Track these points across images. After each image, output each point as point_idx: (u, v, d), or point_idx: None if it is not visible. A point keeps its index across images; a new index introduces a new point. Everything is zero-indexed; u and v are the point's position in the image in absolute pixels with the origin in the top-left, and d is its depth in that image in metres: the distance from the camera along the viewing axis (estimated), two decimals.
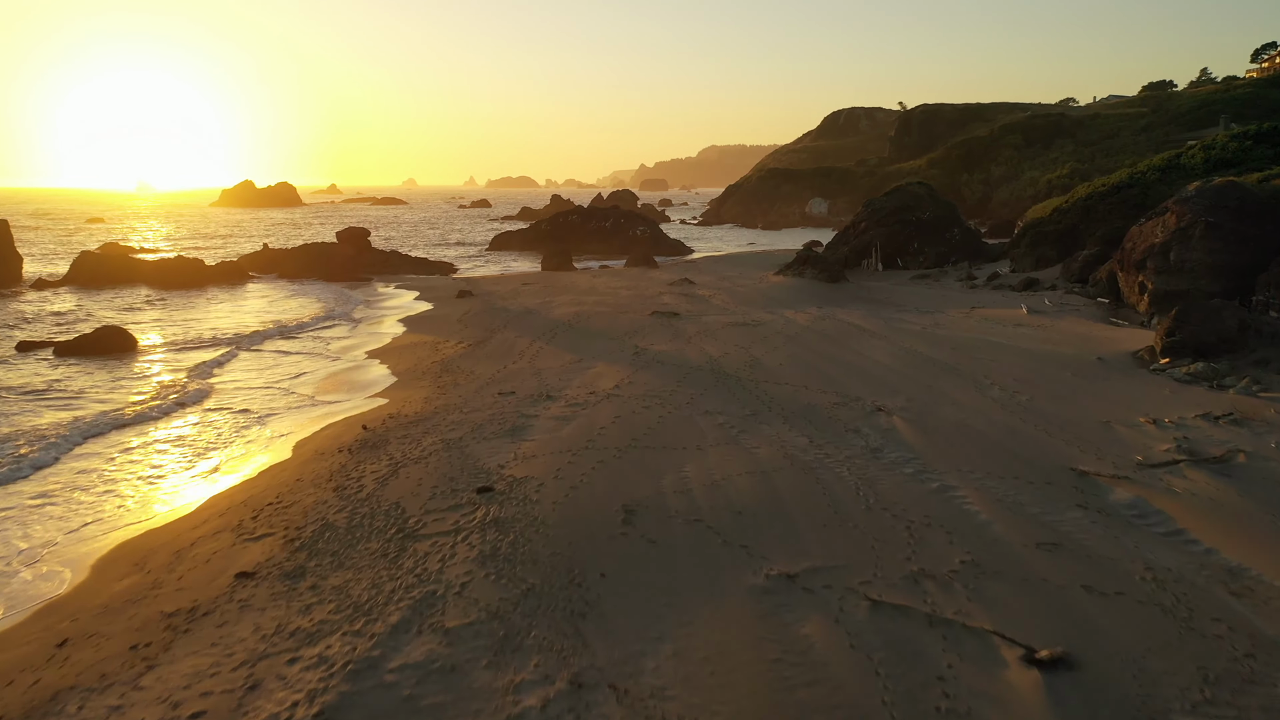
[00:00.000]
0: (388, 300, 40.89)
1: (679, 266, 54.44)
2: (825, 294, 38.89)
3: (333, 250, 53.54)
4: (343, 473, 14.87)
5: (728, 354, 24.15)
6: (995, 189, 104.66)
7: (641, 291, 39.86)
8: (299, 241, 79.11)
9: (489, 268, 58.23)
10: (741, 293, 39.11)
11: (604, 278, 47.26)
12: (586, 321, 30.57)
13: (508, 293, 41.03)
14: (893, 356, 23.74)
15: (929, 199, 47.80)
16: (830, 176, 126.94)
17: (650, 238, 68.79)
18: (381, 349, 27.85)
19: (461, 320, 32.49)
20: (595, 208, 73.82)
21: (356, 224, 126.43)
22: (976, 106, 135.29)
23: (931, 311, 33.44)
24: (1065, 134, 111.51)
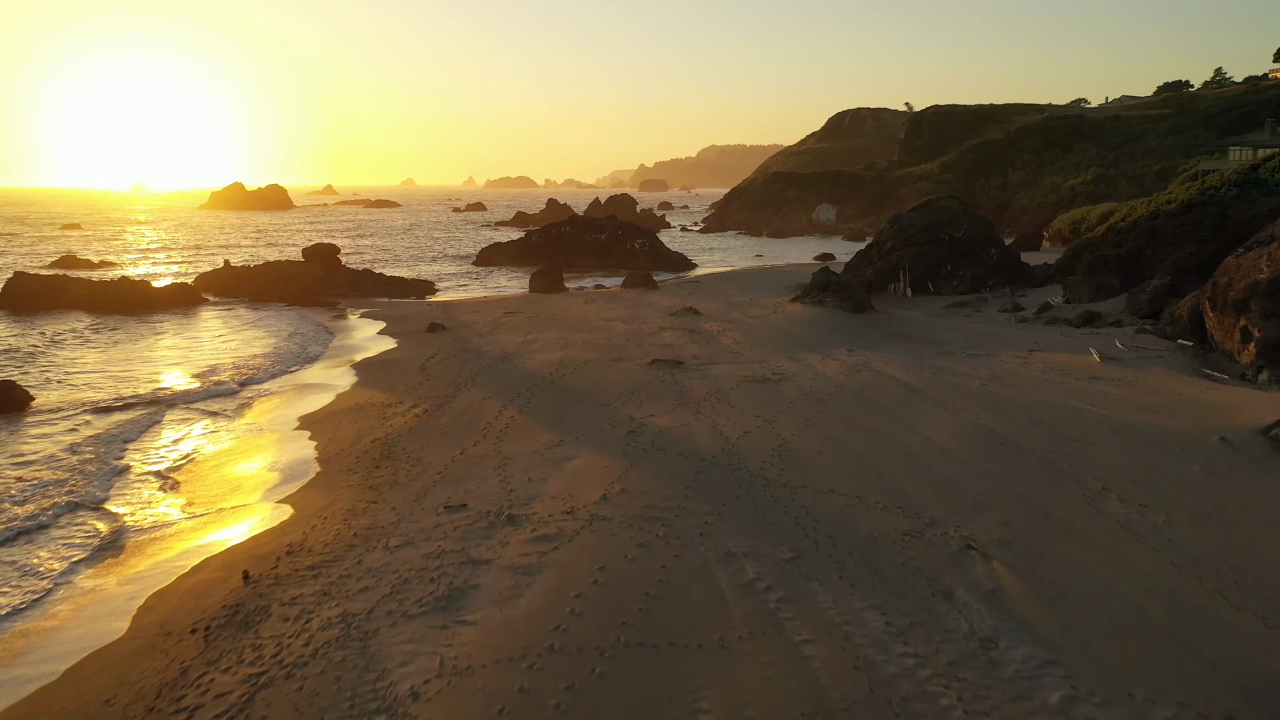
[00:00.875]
0: (347, 334, 35.64)
1: (681, 287, 49.21)
2: (852, 328, 33.68)
3: (298, 270, 48.32)
4: (173, 695, 9.65)
5: (748, 433, 18.93)
6: (1014, 195, 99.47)
7: (639, 325, 34.64)
8: (277, 253, 73.96)
9: (472, 288, 53.00)
10: (755, 327, 33.88)
11: (597, 304, 42.04)
12: (572, 375, 25.33)
13: (486, 326, 35.82)
14: (959, 437, 18.52)
15: (962, 215, 42.59)
16: (838, 181, 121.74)
17: (649, 251, 63.58)
18: (317, 414, 22.63)
19: (424, 369, 27.25)
20: (590, 218, 68.70)
21: (345, 228, 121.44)
22: (990, 108, 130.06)
23: (982, 355, 28.30)
24: (1085, 137, 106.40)
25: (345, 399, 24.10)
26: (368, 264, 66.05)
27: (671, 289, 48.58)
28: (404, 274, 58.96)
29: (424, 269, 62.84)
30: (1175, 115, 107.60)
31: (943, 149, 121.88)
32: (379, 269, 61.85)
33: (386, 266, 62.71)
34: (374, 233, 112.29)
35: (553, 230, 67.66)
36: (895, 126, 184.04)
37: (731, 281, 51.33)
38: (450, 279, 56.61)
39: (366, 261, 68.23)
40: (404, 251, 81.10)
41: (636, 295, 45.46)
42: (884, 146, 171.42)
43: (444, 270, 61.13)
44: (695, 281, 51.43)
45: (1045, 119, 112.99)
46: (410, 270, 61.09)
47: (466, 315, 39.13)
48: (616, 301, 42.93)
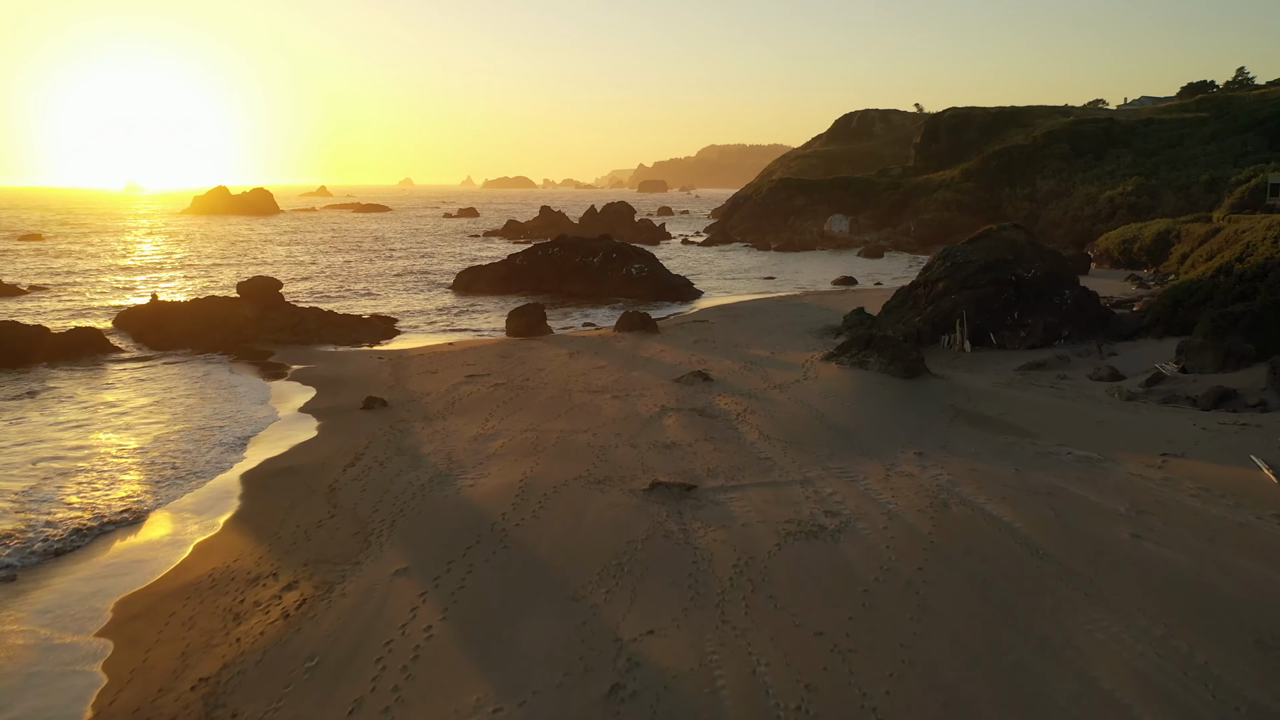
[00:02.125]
0: (255, 410, 27.84)
1: (685, 329, 41.48)
2: (909, 405, 26.01)
3: (231, 311, 40.61)
4: None
5: (811, 688, 11.25)
6: (1044, 206, 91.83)
7: (635, 401, 26.90)
8: (249, 266, 66.25)
9: (440, 324, 45.25)
10: (784, 406, 26.17)
11: (584, 358, 34.31)
12: (536, 516, 17.59)
13: (439, 399, 28.08)
14: (1159, 691, 10.88)
15: (1030, 249, 34.91)
16: (849, 189, 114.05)
17: (648, 278, 55.86)
18: (142, 596, 14.93)
19: (334, 490, 19.50)
20: (581, 239, 60.93)
21: (324, 239, 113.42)
22: (1011, 110, 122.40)
23: (1099, 460, 20.83)
24: (1118, 142, 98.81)
25: (198, 561, 16.36)
26: (330, 291, 58.38)
27: (674, 332, 40.85)
28: (366, 306, 51.28)
29: (392, 298, 55.11)
30: (1214, 119, 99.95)
31: (961, 154, 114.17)
32: (341, 297, 54.19)
33: (347, 300, 55.09)
34: (352, 245, 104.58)
35: (539, 252, 59.92)
36: (906, 129, 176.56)
37: (745, 321, 43.58)
38: (417, 315, 48.85)
39: (329, 288, 60.62)
40: (378, 267, 73.37)
41: (633, 343, 37.74)
42: (894, 150, 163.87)
43: (413, 302, 53.34)
44: (701, 320, 43.69)
45: (1073, 123, 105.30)
46: (375, 302, 53.37)
47: (419, 378, 31.39)
48: (608, 354, 35.20)
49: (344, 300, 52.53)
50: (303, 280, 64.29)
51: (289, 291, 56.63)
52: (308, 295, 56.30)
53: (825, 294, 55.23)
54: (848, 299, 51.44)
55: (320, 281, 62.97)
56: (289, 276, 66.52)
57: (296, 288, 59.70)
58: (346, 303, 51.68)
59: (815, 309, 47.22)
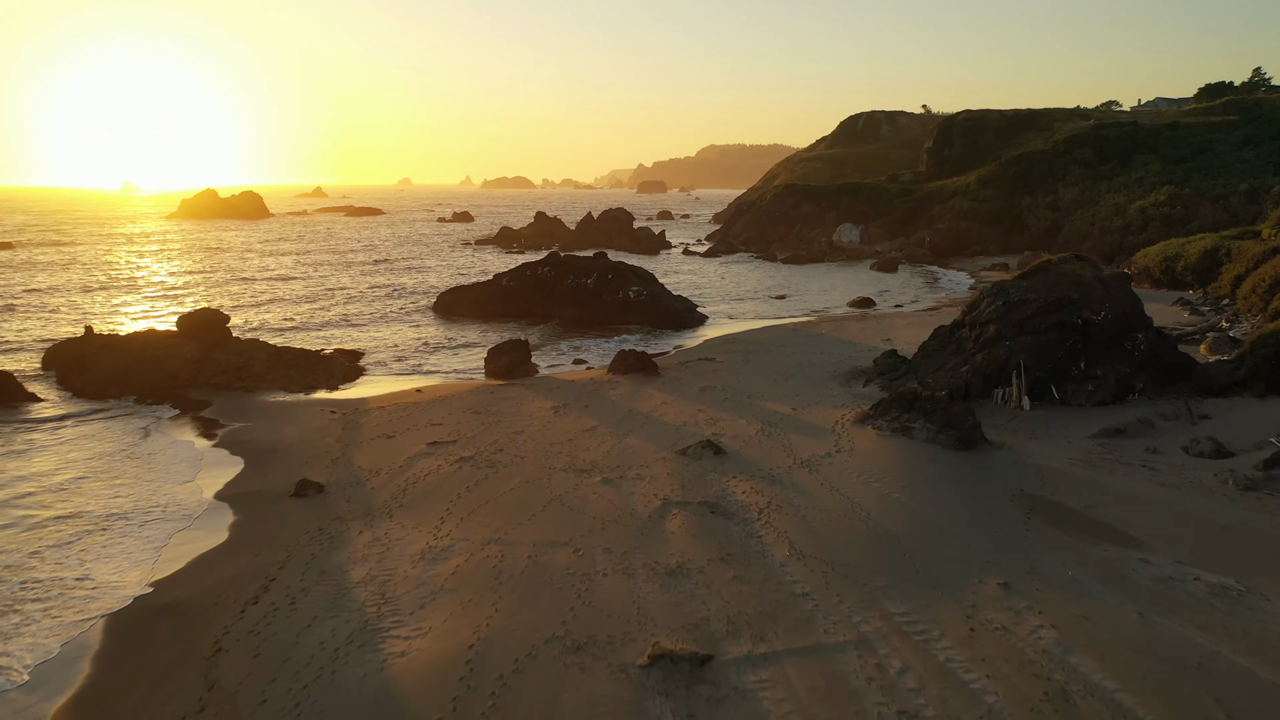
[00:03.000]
0: (164, 494, 22.54)
1: (690, 372, 36.22)
2: (972, 495, 20.78)
3: (168, 350, 35.36)
4: None
5: None
6: (1067, 216, 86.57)
7: (629, 490, 21.63)
8: (215, 289, 61.00)
9: (411, 361, 40.00)
10: (819, 499, 20.94)
11: (571, 417, 29.04)
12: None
13: (388, 480, 22.85)
14: None
15: (1098, 287, 29.62)
16: (858, 195, 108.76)
17: (647, 303, 50.58)
18: None
19: (211, 664, 14.25)
20: (574, 258, 55.58)
21: (307, 248, 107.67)
22: (1028, 113, 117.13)
23: (1240, 591, 15.97)
24: (1144, 148, 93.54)
25: None
26: (298, 315, 53.13)
27: (677, 373, 35.59)
28: (333, 336, 46.03)
29: (364, 326, 49.80)
30: (1244, 123, 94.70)
31: (976, 159, 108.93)
32: (308, 326, 48.93)
33: (311, 331, 49.84)
34: (336, 254, 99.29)
35: (528, 271, 54.63)
36: (914, 131, 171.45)
37: (758, 359, 38.28)
38: (388, 347, 43.57)
39: (297, 313, 55.37)
40: (354, 287, 68.11)
41: (629, 391, 32.49)
42: (902, 153, 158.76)
43: (385, 332, 47.97)
44: (708, 359, 38.37)
45: (1095, 127, 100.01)
46: (343, 331, 48.06)
47: (372, 446, 26.13)
48: (600, 408, 29.93)
49: (308, 332, 47.17)
50: (270, 302, 59.03)
51: (254, 314, 51.57)
52: (273, 320, 51.09)
53: (843, 320, 49.96)
54: (869, 328, 46.20)
55: (287, 306, 57.71)
56: (256, 298, 61.30)
57: (261, 315, 54.57)
58: (310, 335, 46.38)
59: (835, 342, 41.95)
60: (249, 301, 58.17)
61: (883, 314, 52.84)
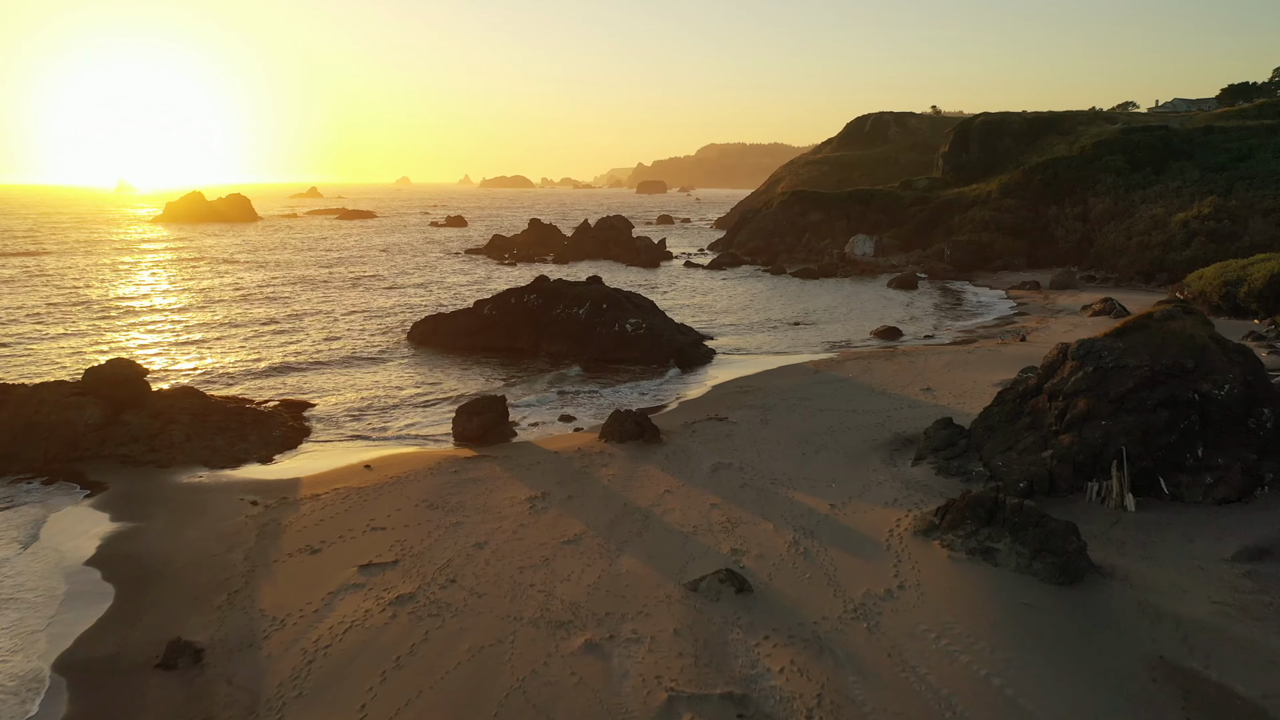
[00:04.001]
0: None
1: (699, 439, 30.17)
2: (1091, 668, 14.80)
3: (70, 409, 29.28)
4: None
5: None
6: (1098, 228, 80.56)
7: (621, 669, 15.58)
8: (162, 326, 54.87)
9: (366, 425, 33.85)
10: (882, 682, 14.98)
11: (549, 519, 22.99)
12: None
13: (302, 629, 16.87)
14: None
15: (1216, 351, 23.57)
16: (870, 203, 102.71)
17: (646, 337, 44.52)
18: None
19: None
20: (565, 284, 49.41)
21: (284, 260, 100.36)
22: (1049, 116, 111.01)
23: None
24: (1179, 154, 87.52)
25: None
26: (252, 351, 47.05)
27: (683, 440, 29.55)
28: (285, 381, 39.96)
29: (324, 369, 43.66)
30: None
31: (995, 165, 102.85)
32: (257, 370, 42.85)
33: (258, 379, 43.82)
34: (316, 267, 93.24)
35: (512, 299, 48.56)
36: (923, 133, 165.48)
37: (779, 419, 32.17)
38: (344, 390, 37.54)
39: (251, 350, 49.35)
40: (324, 311, 62.05)
41: (625, 471, 26.46)
42: (911, 156, 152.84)
43: (346, 376, 41.80)
44: (719, 418, 32.24)
45: (1123, 131, 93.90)
46: (300, 377, 41.91)
47: (288, 564, 20.09)
48: (587, 502, 23.91)
49: (256, 380, 40.91)
50: (228, 331, 52.93)
51: (204, 350, 44.73)
52: (223, 360, 45.06)
53: (870, 358, 43.83)
54: (903, 371, 40.17)
55: (243, 338, 51.65)
56: (213, 326, 55.24)
57: (212, 351, 48.64)
58: (259, 382, 40.27)
59: (866, 392, 35.90)
60: (202, 333, 51.78)
61: (913, 349, 46.75)
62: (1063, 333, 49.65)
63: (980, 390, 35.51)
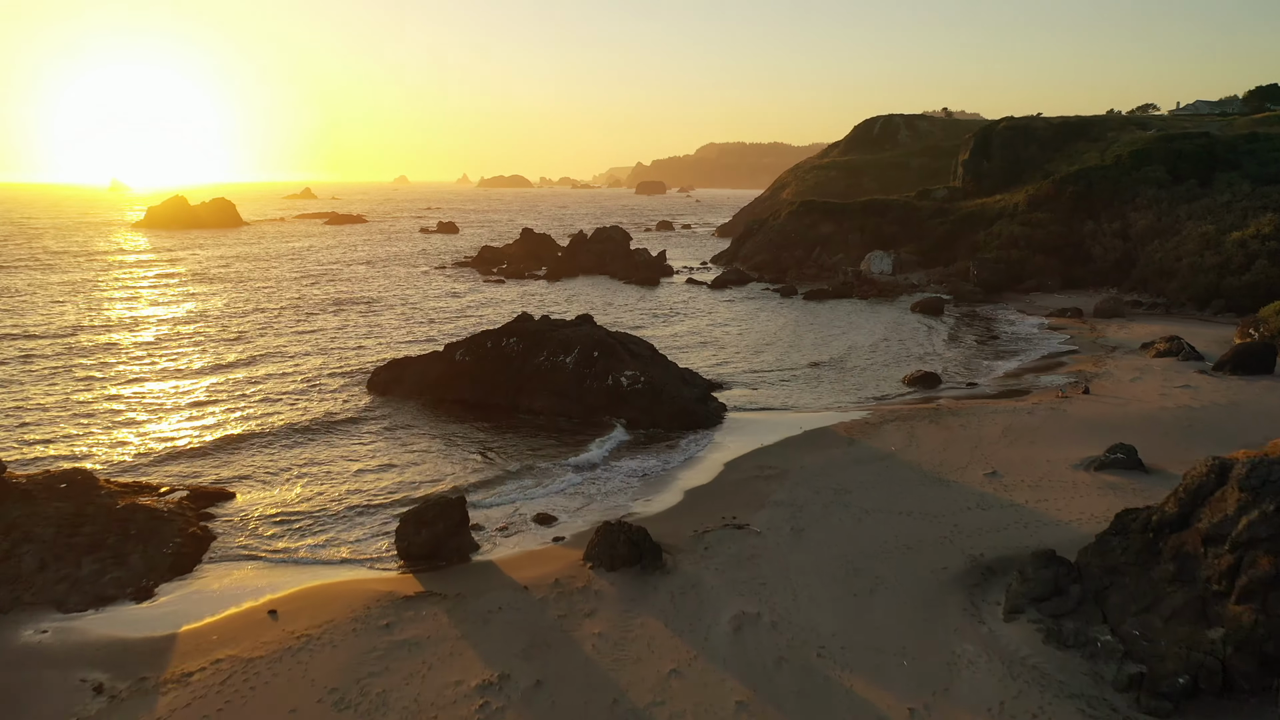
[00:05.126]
0: None
1: (713, 565, 23.28)
2: None
3: None
4: None
5: None
6: (1141, 246, 73.62)
7: None
8: (102, 354, 47.72)
9: (290, 530, 26.83)
10: None
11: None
12: None
13: None
14: None
15: None
16: (886, 215, 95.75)
17: (644, 394, 37.60)
18: None
19: None
20: (551, 327, 42.30)
21: (241, 279, 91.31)
22: (1077, 121, 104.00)
23: None
24: (1224, 164, 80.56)
25: None
26: (180, 413, 40.12)
27: (693, 578, 22.65)
28: (199, 469, 33.00)
29: (254, 444, 36.47)
30: None
31: (1019, 174, 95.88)
32: (180, 441, 35.89)
33: (177, 465, 36.78)
34: (288, 286, 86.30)
35: (488, 344, 41.63)
36: (935, 136, 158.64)
37: (814, 529, 25.22)
38: (271, 487, 30.58)
39: (180, 406, 42.49)
40: (282, 347, 55.13)
41: (615, 631, 19.57)
42: (923, 161, 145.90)
43: (276, 452, 34.64)
44: (738, 527, 25.30)
45: (1162, 139, 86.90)
46: (226, 457, 34.72)
47: None
48: (558, 698, 17.04)
49: (172, 459, 33.67)
50: (159, 384, 45.84)
51: (121, 410, 36.36)
52: (139, 431, 38.16)
53: (912, 421, 36.86)
54: (954, 442, 33.29)
55: (176, 393, 44.70)
56: (145, 373, 48.24)
57: (131, 413, 41.84)
58: (173, 465, 33.22)
59: (917, 479, 29.02)
60: (128, 387, 43.68)
61: (960, 405, 39.77)
62: (1130, 381, 42.77)
63: (1059, 477, 28.65)
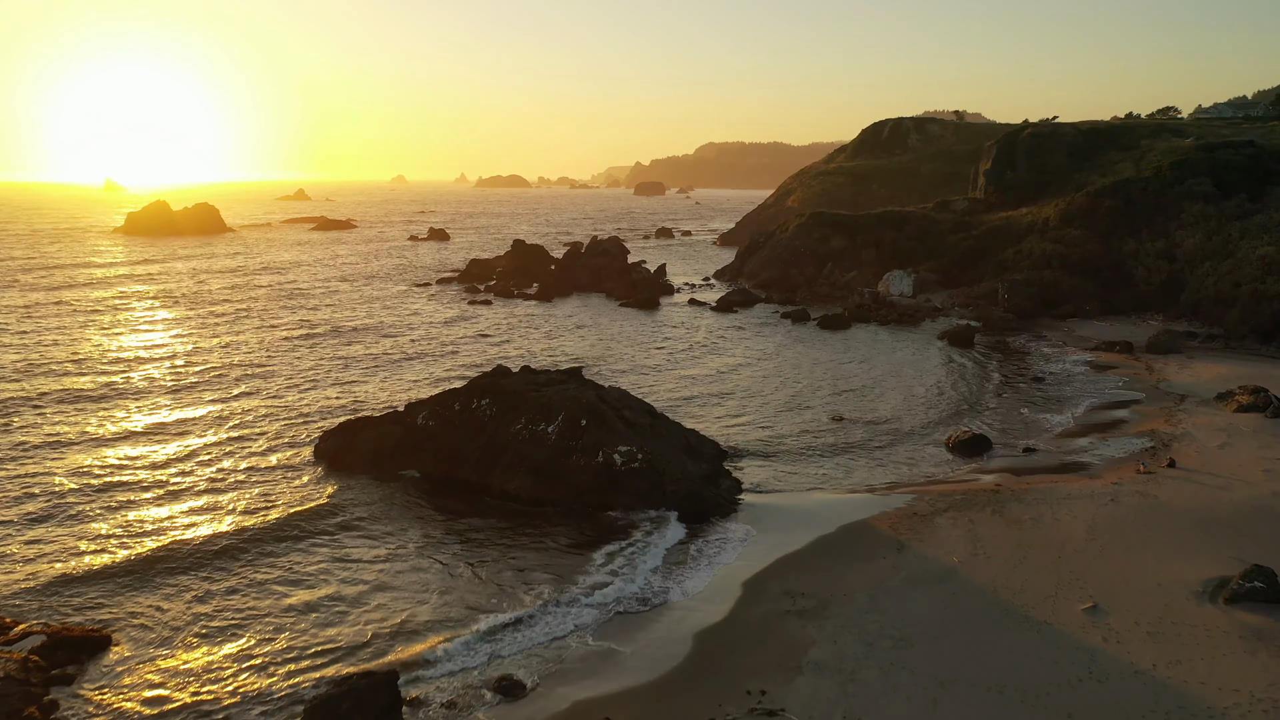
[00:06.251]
0: None
1: None
2: None
3: None
4: None
5: None
6: (1189, 268, 66.90)
7: None
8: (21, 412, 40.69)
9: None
10: None
11: None
12: None
13: None
14: None
15: None
16: (902, 228, 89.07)
17: (642, 473, 30.88)
18: None
19: None
20: (531, 387, 35.45)
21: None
22: (1108, 128, 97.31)
23: None
24: (1273, 176, 73.78)
25: None
26: (88, 488, 33.37)
27: None
28: (65, 599, 26.19)
29: (155, 571, 29.74)
30: None
31: (1046, 184, 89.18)
32: (67, 541, 29.12)
33: (54, 587, 29.82)
34: (259, 309, 79.59)
35: (456, 405, 34.91)
36: (946, 141, 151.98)
37: (872, 710, 18.53)
38: (154, 631, 23.83)
39: (85, 491, 35.86)
40: (227, 404, 48.48)
41: None
42: (934, 167, 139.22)
43: (177, 578, 27.70)
44: (766, 715, 18.64)
45: (1203, 148, 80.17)
46: (113, 584, 27.88)
47: None
48: None
49: (45, 590, 26.56)
50: (56, 462, 38.99)
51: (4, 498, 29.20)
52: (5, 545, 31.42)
53: (967, 506, 30.20)
54: (1034, 554, 26.64)
55: (88, 470, 38.00)
56: (60, 438, 41.46)
57: (17, 505, 35.12)
58: (44, 598, 26.44)
59: (996, 617, 22.37)
60: (18, 467, 36.78)
61: (1022, 485, 33.02)
62: (1218, 448, 36.10)
63: (1182, 614, 22.07)
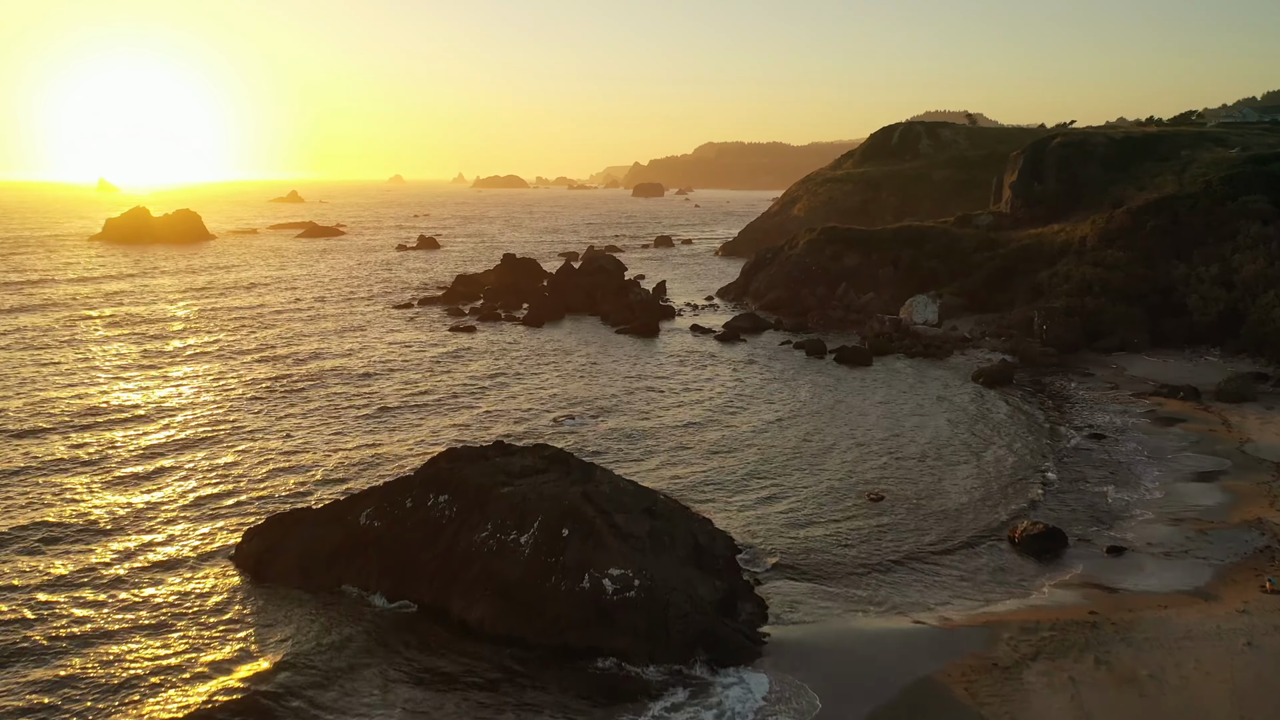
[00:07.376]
0: None
1: None
2: None
3: None
4: None
5: None
6: (1251, 297, 60.09)
7: None
8: None
9: None
10: None
11: None
12: None
13: None
14: None
15: None
16: (922, 246, 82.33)
17: (641, 602, 24.09)
18: None
19: None
20: (503, 471, 28.95)
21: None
22: (1142, 138, 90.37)
23: None
24: None
25: None
26: None
27: None
28: None
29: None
30: None
31: (1077, 199, 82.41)
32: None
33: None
34: (185, 360, 72.80)
35: (406, 502, 28.09)
36: (959, 146, 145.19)
37: None
38: None
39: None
40: (132, 498, 41.69)
41: None
42: (947, 174, 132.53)
43: None
44: None
45: (1252, 160, 73.34)
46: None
47: None
48: None
49: None
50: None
51: None
52: None
53: (1063, 656, 23.51)
54: (1159, 717, 19.81)
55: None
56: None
57: None
58: None
59: None
60: None
61: (1125, 615, 26.20)
62: None
63: None
